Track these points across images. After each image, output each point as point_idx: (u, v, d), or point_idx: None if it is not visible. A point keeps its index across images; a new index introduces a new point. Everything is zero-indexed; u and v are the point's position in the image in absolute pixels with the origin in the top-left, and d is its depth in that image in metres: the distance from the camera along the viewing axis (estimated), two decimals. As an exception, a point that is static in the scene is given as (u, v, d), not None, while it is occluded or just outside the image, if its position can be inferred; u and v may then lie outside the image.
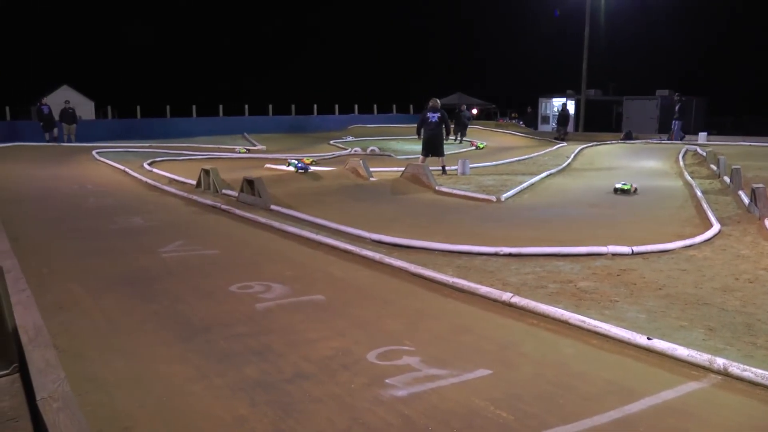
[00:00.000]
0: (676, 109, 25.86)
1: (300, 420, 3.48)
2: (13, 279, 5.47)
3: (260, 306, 5.54)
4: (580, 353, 4.39)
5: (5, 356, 4.22)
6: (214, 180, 12.65)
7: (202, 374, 4.15)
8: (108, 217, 10.25)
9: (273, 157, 20.67)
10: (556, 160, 19.03)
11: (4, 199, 11.57)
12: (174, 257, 7.48)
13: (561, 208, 10.87)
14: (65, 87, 34.06)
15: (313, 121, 35.83)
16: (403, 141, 28.89)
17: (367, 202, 11.69)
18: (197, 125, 31.42)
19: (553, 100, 37.55)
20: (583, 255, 7.02)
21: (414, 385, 3.87)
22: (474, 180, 14.48)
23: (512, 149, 24.17)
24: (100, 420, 3.49)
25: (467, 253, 7.16)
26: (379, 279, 6.40)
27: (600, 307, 5.30)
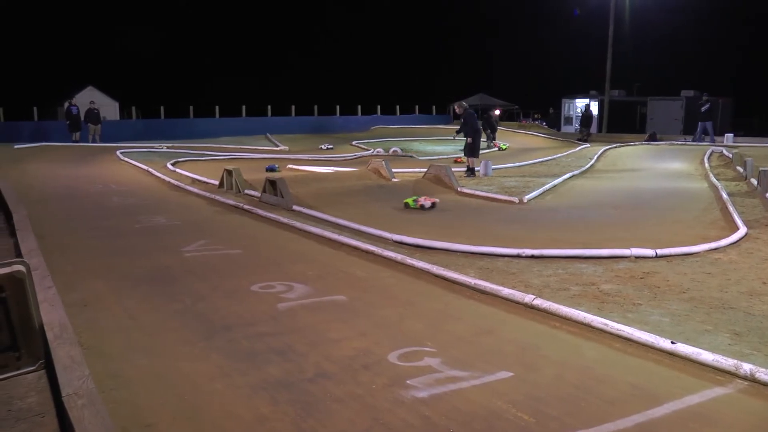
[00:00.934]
0: (703, 110, 25.15)
1: (321, 420, 3.50)
2: (39, 277, 5.54)
3: (282, 306, 5.56)
4: (602, 356, 4.36)
5: (32, 353, 4.29)
6: (237, 180, 12.72)
7: (223, 373, 4.18)
8: (131, 216, 10.36)
9: (295, 158, 20.74)
10: (579, 162, 18.91)
11: (31, 199, 11.72)
12: (196, 256, 7.54)
13: (583, 210, 10.80)
14: (90, 88, 34.42)
15: (336, 121, 35.91)
16: (426, 142, 28.85)
17: (390, 202, 11.69)
18: (220, 126, 31.63)
19: (576, 100, 37.28)
20: (605, 257, 6.97)
21: (435, 387, 3.87)
22: (496, 181, 14.43)
23: (535, 150, 24.05)
24: (124, 417, 3.54)
25: (489, 255, 7.14)
26: (400, 280, 6.40)
27: (623, 310, 5.26)
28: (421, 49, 61.09)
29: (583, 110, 31.54)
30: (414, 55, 60.83)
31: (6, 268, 4.19)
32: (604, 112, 33.93)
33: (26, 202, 10.61)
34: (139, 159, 19.76)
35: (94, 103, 27.15)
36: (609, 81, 33.41)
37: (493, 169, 16.12)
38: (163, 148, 23.67)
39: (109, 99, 34.74)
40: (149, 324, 5.20)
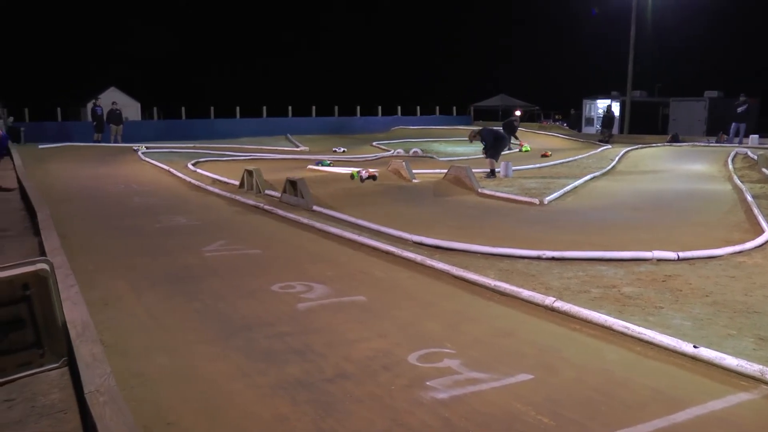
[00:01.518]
0: (739, 111, 24.19)
1: (340, 420, 3.50)
2: (62, 275, 5.60)
3: (302, 306, 5.58)
4: (623, 360, 4.32)
5: (55, 350, 4.34)
6: (257, 180, 12.78)
7: (243, 372, 4.20)
8: (152, 215, 10.45)
9: (315, 158, 20.79)
10: (600, 163, 18.78)
11: (54, 198, 11.85)
12: (216, 256, 7.59)
13: (604, 212, 10.72)
14: (113, 89, 34.76)
15: (356, 122, 35.98)
16: (446, 143, 28.82)
17: (410, 203, 11.69)
18: (241, 126, 31.82)
19: (597, 101, 37.04)
20: (627, 260, 6.91)
21: (454, 388, 3.86)
22: (517, 182, 14.37)
23: (555, 151, 23.92)
24: (144, 415, 3.56)
25: (509, 256, 7.11)
26: (420, 281, 6.39)
27: (644, 313, 5.21)
28: (441, 49, 61.00)
29: (604, 111, 31.30)
30: (434, 56, 60.77)
31: (30, 266, 4.25)
32: (625, 113, 33.68)
33: (49, 202, 10.73)
34: (160, 159, 19.92)
35: (116, 103, 27.44)
36: (631, 81, 33.18)
37: (514, 170, 16.06)
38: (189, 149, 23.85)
39: (131, 100, 35.06)
40: (169, 323, 5.23)
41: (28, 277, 4.18)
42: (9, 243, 8.36)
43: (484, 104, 43.26)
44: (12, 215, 10.58)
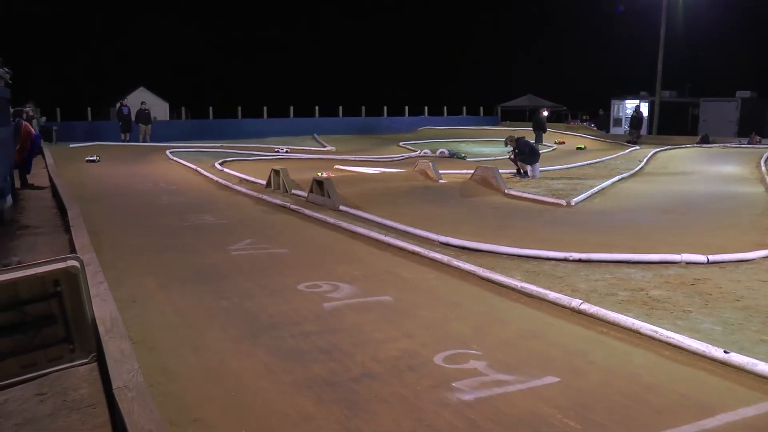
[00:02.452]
0: None
1: (366, 419, 3.51)
2: (91, 272, 5.68)
3: (328, 305, 5.60)
4: (651, 364, 4.28)
5: (85, 346, 4.40)
6: (284, 180, 12.84)
7: (269, 370, 4.23)
8: (180, 214, 10.55)
9: (342, 159, 20.84)
10: (628, 164, 18.59)
11: (84, 196, 12.00)
12: (243, 255, 7.64)
13: (632, 214, 10.62)
14: (142, 89, 35.09)
15: (383, 122, 36.00)
16: (473, 143, 28.72)
17: (436, 204, 11.67)
18: (268, 126, 31.98)
19: (626, 101, 36.62)
20: (655, 262, 6.84)
21: (480, 390, 3.85)
22: (543, 183, 14.29)
23: (583, 152, 23.73)
24: (171, 411, 3.61)
25: (536, 258, 7.08)
26: (446, 282, 6.39)
27: (673, 317, 5.15)
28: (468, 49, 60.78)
29: (633, 112, 30.97)
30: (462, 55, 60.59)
31: (61, 263, 4.32)
32: (654, 113, 33.29)
33: (80, 200, 10.89)
34: (188, 158, 20.08)
35: (145, 103, 27.74)
36: (660, 81, 32.77)
37: (541, 171, 15.96)
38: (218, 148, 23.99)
39: (159, 99, 35.37)
40: (197, 320, 5.29)
41: (59, 274, 4.25)
42: (41, 240, 8.50)
43: (511, 104, 43.02)
44: (44, 213, 10.76)
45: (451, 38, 61.63)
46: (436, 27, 62.35)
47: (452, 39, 61.46)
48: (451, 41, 61.31)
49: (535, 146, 16.48)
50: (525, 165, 15.52)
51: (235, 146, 25.09)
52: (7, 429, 3.58)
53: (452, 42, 61.25)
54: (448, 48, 60.91)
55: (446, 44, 60.98)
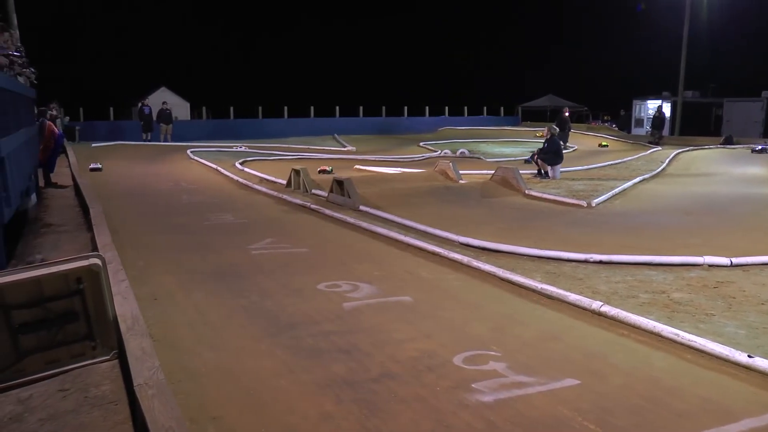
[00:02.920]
0: None
1: (385, 420, 3.52)
2: (113, 270, 5.74)
3: (348, 305, 5.61)
4: (672, 368, 4.24)
5: (107, 343, 4.45)
6: (304, 180, 12.88)
7: (289, 369, 4.25)
8: (200, 213, 10.62)
9: (362, 158, 20.87)
10: (650, 165, 18.43)
11: (106, 195, 12.13)
12: (264, 254, 7.68)
13: (654, 215, 10.52)
14: (163, 89, 35.29)
15: (403, 122, 35.99)
16: (493, 143, 28.63)
17: (456, 204, 11.65)
18: (288, 126, 32.11)
19: (647, 102, 36.30)
20: (677, 265, 6.77)
21: (500, 391, 3.84)
22: (564, 184, 14.21)
23: (604, 153, 23.58)
24: (191, 408, 3.64)
25: (556, 259, 7.04)
26: (466, 282, 6.37)
27: (695, 320, 5.10)
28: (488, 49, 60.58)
29: (655, 112, 30.69)
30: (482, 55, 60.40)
31: (84, 261, 4.37)
32: (676, 113, 32.97)
33: (102, 199, 11.00)
34: (208, 158, 20.20)
35: (166, 103, 27.93)
36: (683, 81, 32.45)
37: (561, 171, 15.88)
38: (242, 148, 24.09)
39: (180, 99, 35.56)
40: (217, 319, 5.32)
41: (82, 272, 4.30)
42: (64, 238, 8.61)
43: (532, 104, 42.81)
44: (67, 211, 10.89)
45: (472, 38, 61.46)
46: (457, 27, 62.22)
47: (473, 39, 61.29)
48: (473, 41, 61.13)
49: (562, 149, 16.39)
50: (546, 165, 15.46)
51: (255, 146, 25.20)
52: (32, 424, 3.63)
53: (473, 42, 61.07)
54: (469, 48, 60.75)
55: (467, 44, 60.82)
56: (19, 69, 10.80)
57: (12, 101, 8.37)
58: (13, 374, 4.14)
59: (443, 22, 61.61)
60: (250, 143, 26.15)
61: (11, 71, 9.54)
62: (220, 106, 36.12)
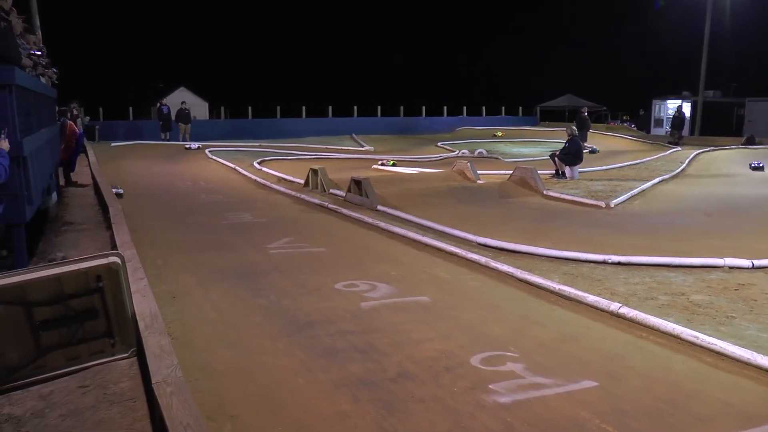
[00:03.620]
0: None
1: (402, 420, 3.52)
2: (132, 268, 5.76)
3: (365, 305, 5.62)
4: (692, 371, 4.20)
5: (125, 341, 4.48)
6: (322, 179, 12.90)
7: (306, 368, 4.26)
8: (219, 212, 10.67)
9: (380, 158, 20.88)
10: (669, 166, 18.25)
11: (125, 193, 12.22)
12: (281, 253, 7.70)
13: (673, 216, 10.44)
14: (182, 89, 35.55)
15: (422, 122, 35.96)
16: (511, 144, 28.53)
17: (474, 204, 11.62)
18: (306, 126, 32.20)
19: (667, 101, 35.98)
20: (696, 266, 6.70)
21: (517, 393, 3.83)
22: (583, 185, 14.12)
23: (623, 153, 23.38)
24: (209, 407, 3.66)
25: (574, 260, 7.00)
26: (484, 283, 6.36)
27: (715, 322, 5.05)
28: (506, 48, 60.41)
29: (674, 112, 30.42)
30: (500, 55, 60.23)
31: (103, 259, 4.40)
32: (697, 113, 32.64)
33: (120, 197, 11.06)
34: (226, 157, 20.29)
35: (185, 103, 28.09)
36: (704, 81, 32.09)
37: (580, 172, 15.79)
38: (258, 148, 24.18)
39: (199, 99, 35.80)
40: (234, 318, 5.35)
41: (101, 270, 4.34)
42: (84, 236, 8.67)
43: (550, 104, 42.60)
44: (86, 210, 10.97)
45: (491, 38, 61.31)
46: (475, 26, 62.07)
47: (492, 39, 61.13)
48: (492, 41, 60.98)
49: (582, 150, 16.30)
50: (563, 165, 15.38)
51: (273, 145, 25.28)
52: (53, 419, 3.67)
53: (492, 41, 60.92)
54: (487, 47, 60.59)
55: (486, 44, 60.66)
56: (42, 69, 10.90)
57: (34, 101, 8.45)
58: (34, 370, 4.19)
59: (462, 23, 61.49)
60: (268, 143, 26.24)
61: (34, 71, 9.63)
62: (239, 106, 36.34)
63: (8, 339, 4.08)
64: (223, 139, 27.26)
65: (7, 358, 4.09)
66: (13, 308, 4.08)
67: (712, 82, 33.45)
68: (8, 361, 4.10)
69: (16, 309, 4.08)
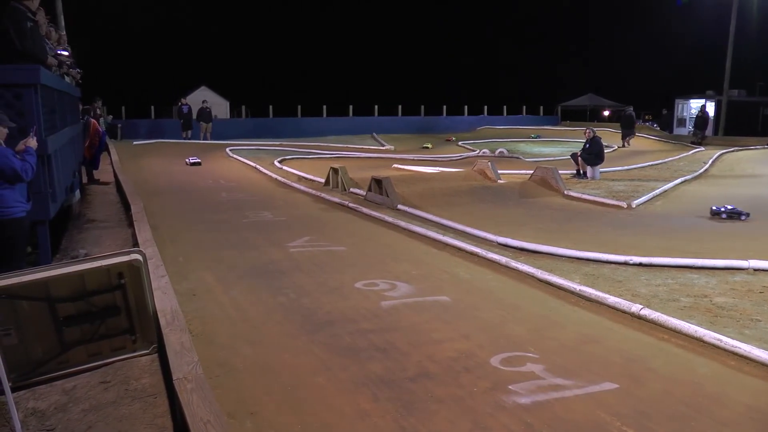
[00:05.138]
0: None
1: (421, 419, 3.52)
2: (153, 266, 5.82)
3: (385, 304, 5.62)
4: (715, 374, 4.16)
5: (147, 337, 4.53)
6: (343, 178, 12.92)
7: (326, 367, 4.28)
8: (239, 211, 10.72)
9: (401, 158, 20.86)
10: (692, 166, 18.06)
11: (146, 192, 12.31)
12: (302, 252, 7.72)
13: (696, 217, 10.33)
14: (203, 87, 35.66)
15: (442, 121, 35.90)
16: (532, 143, 28.40)
17: (494, 204, 11.59)
18: (327, 125, 32.25)
19: (690, 101, 35.60)
20: (720, 268, 6.62)
21: (537, 394, 3.82)
22: (604, 185, 14.02)
23: (645, 153, 23.17)
24: (229, 403, 3.69)
25: (595, 261, 6.95)
26: (504, 283, 6.34)
27: (739, 325, 4.99)
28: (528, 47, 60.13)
29: (698, 112, 30.08)
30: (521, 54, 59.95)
31: (125, 256, 4.45)
32: (721, 113, 32.26)
33: (142, 195, 11.16)
34: (247, 156, 20.36)
35: (207, 102, 28.21)
36: (728, 80, 31.67)
37: (601, 172, 15.68)
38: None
39: (220, 98, 35.90)
40: (255, 315, 5.37)
41: (123, 267, 4.39)
42: (106, 233, 8.77)
43: (571, 104, 42.32)
44: (109, 207, 11.09)
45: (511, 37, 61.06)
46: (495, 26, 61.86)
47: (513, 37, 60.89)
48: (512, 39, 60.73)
49: (604, 150, 16.18)
50: (585, 165, 15.29)
51: (294, 144, 25.35)
52: (75, 414, 3.72)
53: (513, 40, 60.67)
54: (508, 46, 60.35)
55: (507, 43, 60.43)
56: (67, 69, 11.02)
57: (58, 100, 8.55)
58: (57, 365, 4.24)
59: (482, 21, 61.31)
60: (288, 142, 26.31)
61: (59, 70, 9.74)
62: (259, 105, 36.44)
63: (33, 334, 4.14)
64: (244, 138, 27.36)
65: (31, 352, 4.15)
66: (38, 304, 4.13)
67: (737, 81, 33.02)
68: (33, 355, 4.16)
69: (40, 305, 4.14)
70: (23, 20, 6.92)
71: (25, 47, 6.81)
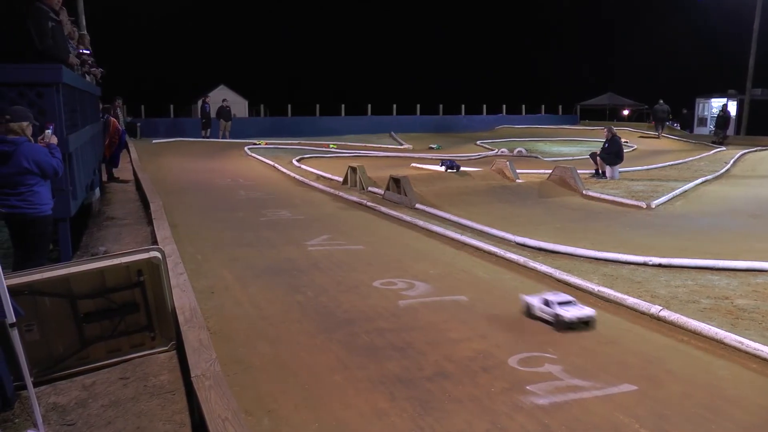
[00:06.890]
0: None
1: (439, 419, 3.52)
2: (172, 263, 5.86)
3: (403, 303, 5.62)
4: (735, 377, 4.11)
5: (165, 334, 4.57)
6: (361, 177, 12.92)
7: (343, 365, 4.29)
8: (257, 209, 10.76)
9: (419, 156, 20.84)
10: (713, 166, 17.89)
11: (166, 190, 12.38)
12: (320, 251, 7.73)
13: (717, 218, 10.23)
14: (222, 86, 35.81)
15: (460, 121, 35.79)
16: (551, 143, 28.26)
17: (513, 203, 11.55)
18: (345, 123, 32.24)
19: (711, 100, 35.21)
20: (741, 270, 6.54)
21: (555, 395, 3.80)
22: (623, 185, 13.93)
23: (665, 153, 22.98)
24: (247, 401, 3.71)
25: (614, 261, 6.91)
26: (522, 283, 6.30)
27: (761, 328, 4.93)
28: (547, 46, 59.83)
29: (719, 111, 29.76)
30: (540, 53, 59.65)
31: (144, 254, 4.49)
32: (743, 112, 31.85)
33: (161, 193, 11.23)
34: (265, 155, 20.42)
35: (226, 100, 28.34)
36: (751, 79, 31.26)
37: (620, 172, 15.57)
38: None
39: (239, 97, 36.02)
40: (272, 313, 5.39)
41: (142, 264, 4.43)
42: (125, 231, 8.84)
43: (590, 103, 42.02)
44: (128, 205, 11.18)
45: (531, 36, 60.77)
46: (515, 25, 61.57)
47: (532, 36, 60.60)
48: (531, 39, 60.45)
49: (623, 149, 16.07)
50: (604, 165, 15.20)
51: (312, 143, 25.38)
52: (95, 409, 3.75)
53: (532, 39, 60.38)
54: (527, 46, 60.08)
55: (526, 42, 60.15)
56: (88, 68, 11.11)
57: (79, 99, 8.62)
58: (77, 361, 4.29)
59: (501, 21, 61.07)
60: (307, 140, 26.35)
61: (80, 69, 9.82)
62: (278, 104, 36.54)
63: (54, 330, 4.19)
64: (263, 137, 27.44)
65: (53, 348, 4.20)
66: (59, 300, 4.18)
67: (760, 80, 32.58)
68: (54, 351, 4.20)
69: (62, 301, 4.19)
70: (45, 20, 6.96)
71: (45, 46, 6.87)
